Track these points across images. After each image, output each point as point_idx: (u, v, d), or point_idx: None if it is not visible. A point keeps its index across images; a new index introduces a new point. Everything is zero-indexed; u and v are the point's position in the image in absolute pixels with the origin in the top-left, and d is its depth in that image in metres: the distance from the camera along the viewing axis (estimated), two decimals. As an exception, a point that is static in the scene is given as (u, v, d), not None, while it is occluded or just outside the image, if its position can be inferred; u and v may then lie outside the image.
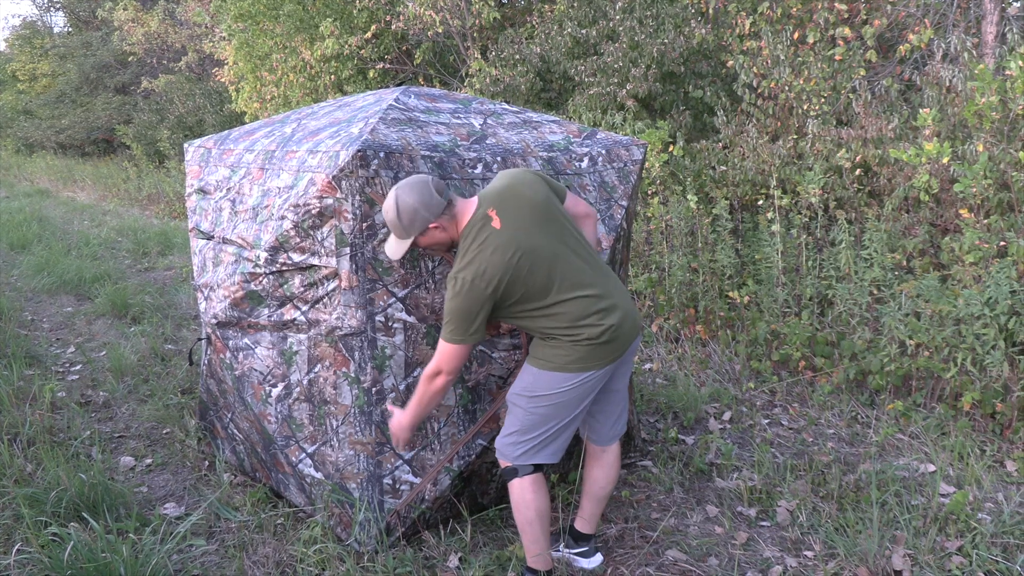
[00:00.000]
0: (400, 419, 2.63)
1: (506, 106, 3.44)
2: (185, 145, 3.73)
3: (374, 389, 2.79)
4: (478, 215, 2.46)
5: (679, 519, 3.27)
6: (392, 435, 2.69)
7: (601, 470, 2.82)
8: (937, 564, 2.86)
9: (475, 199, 2.52)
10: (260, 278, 2.99)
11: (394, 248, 2.55)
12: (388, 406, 2.71)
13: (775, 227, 5.05)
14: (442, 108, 3.21)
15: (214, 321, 3.23)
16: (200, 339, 3.59)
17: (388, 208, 2.47)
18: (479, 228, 2.44)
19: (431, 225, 2.46)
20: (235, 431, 3.47)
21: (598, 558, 2.92)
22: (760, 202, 5.65)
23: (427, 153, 2.82)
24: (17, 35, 25.68)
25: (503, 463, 2.65)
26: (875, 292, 4.59)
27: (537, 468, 2.62)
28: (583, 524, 2.89)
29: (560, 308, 2.46)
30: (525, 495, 2.59)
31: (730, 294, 5.17)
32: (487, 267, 2.38)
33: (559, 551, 2.94)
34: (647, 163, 5.87)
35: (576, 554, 2.90)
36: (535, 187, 2.53)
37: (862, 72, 5.59)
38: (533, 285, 2.44)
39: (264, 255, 2.93)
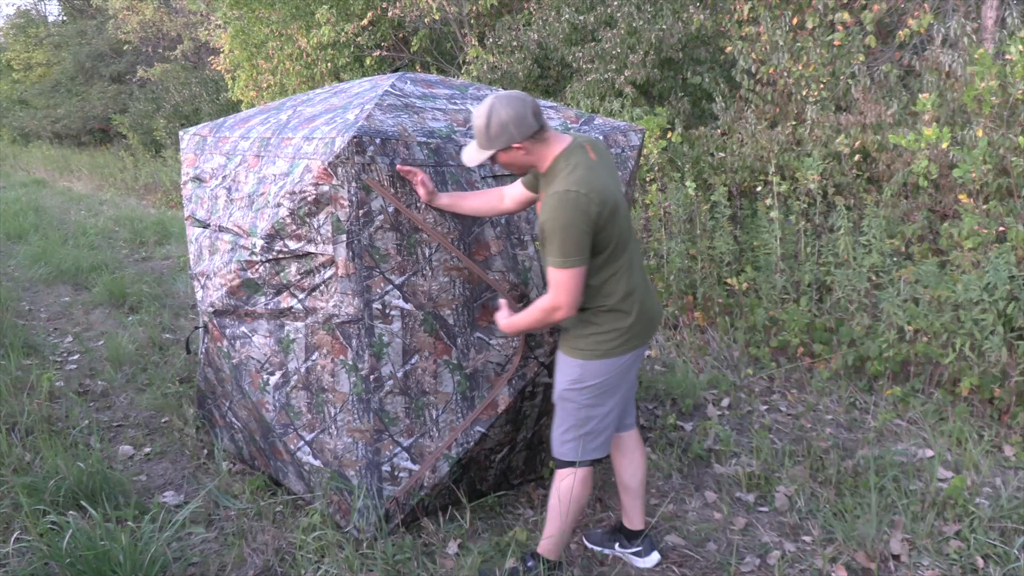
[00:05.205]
0: (510, 321, 2.55)
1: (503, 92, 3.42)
2: (180, 133, 3.71)
3: (372, 377, 2.78)
4: (574, 144, 2.43)
5: (678, 505, 3.27)
6: (498, 324, 2.65)
7: (626, 456, 2.79)
8: (935, 548, 2.87)
9: (569, 136, 2.48)
10: (256, 266, 2.98)
11: (472, 155, 2.47)
12: (501, 301, 2.68)
13: (774, 213, 5.04)
14: (438, 94, 3.19)
15: (211, 310, 3.22)
16: (197, 328, 3.58)
17: (480, 115, 2.38)
18: (578, 154, 2.40)
19: (515, 145, 2.38)
20: (233, 419, 3.47)
21: (654, 557, 2.86)
22: (759, 188, 5.64)
23: (423, 139, 2.81)
24: (12, 24, 25.53)
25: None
26: (874, 278, 4.59)
27: (594, 462, 2.60)
28: (629, 521, 2.86)
29: (622, 276, 2.45)
30: (575, 487, 2.55)
31: (728, 281, 5.16)
32: (591, 182, 2.32)
33: (614, 551, 2.91)
34: (645, 150, 5.84)
35: (632, 553, 2.87)
36: (613, 159, 2.60)
37: (861, 57, 5.57)
38: (614, 234, 2.40)
39: (260, 243, 2.92)
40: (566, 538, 2.64)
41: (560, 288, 2.33)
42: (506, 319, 2.58)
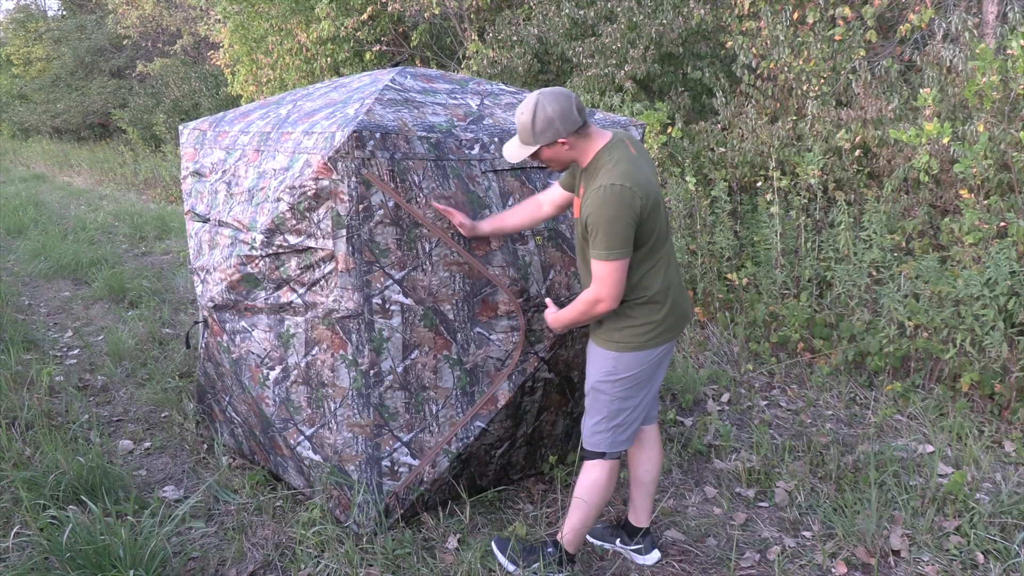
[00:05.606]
0: (556, 316, 2.58)
1: (503, 86, 3.41)
2: (180, 127, 3.70)
3: (372, 371, 2.78)
4: (616, 139, 2.46)
5: (678, 500, 3.27)
6: (546, 320, 2.70)
7: (644, 451, 2.79)
8: (935, 544, 2.87)
9: (609, 132, 2.50)
10: (256, 261, 2.98)
11: (514, 151, 2.49)
12: (548, 300, 2.68)
13: (774, 209, 5.03)
14: (439, 88, 3.18)
15: (211, 304, 3.22)
16: (197, 322, 3.58)
17: (524, 111, 2.40)
18: (620, 149, 2.42)
19: (560, 140, 2.40)
20: (233, 414, 3.47)
21: (655, 555, 2.87)
22: (759, 184, 5.63)
23: (424, 134, 2.80)
24: (11, 19, 25.49)
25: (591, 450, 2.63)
26: (874, 273, 4.58)
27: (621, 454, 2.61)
28: (636, 517, 2.86)
29: (660, 269, 2.47)
30: (602, 479, 2.57)
31: (729, 276, 5.16)
32: (635, 176, 2.34)
33: (615, 546, 2.92)
34: (645, 144, 5.83)
35: (633, 550, 2.88)
36: None
37: (862, 52, 5.55)
38: (655, 228, 2.42)
39: (260, 237, 2.91)
40: (588, 530, 2.66)
41: (604, 281, 2.36)
42: (552, 315, 2.61)
